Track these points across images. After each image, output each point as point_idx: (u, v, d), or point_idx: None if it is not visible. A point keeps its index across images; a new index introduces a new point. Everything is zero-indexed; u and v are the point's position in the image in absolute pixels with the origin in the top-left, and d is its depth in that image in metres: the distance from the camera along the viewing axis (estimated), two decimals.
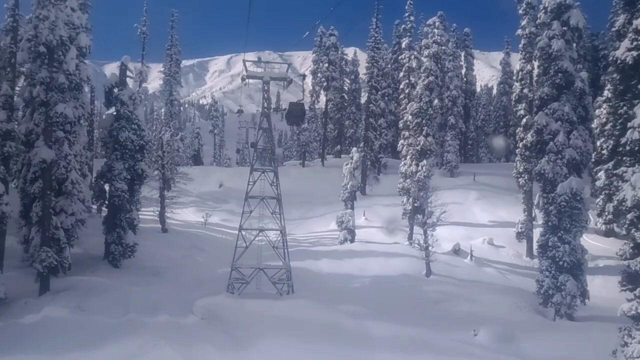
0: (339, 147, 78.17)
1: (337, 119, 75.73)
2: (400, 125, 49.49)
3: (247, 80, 28.91)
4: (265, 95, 28.41)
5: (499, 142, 75.96)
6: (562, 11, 28.94)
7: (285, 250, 28.63)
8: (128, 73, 34.78)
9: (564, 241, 27.51)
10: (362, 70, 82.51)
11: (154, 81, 71.39)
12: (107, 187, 33.07)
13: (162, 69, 68.61)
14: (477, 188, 53.85)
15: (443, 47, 40.41)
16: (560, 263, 27.33)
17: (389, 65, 72.29)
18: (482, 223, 46.06)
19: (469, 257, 36.58)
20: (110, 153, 32.56)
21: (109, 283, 27.87)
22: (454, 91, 63.64)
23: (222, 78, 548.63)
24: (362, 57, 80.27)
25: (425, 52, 41.94)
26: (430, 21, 42.69)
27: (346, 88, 75.39)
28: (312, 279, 31.66)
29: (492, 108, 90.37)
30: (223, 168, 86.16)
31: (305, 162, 75.20)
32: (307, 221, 50.87)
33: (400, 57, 70.57)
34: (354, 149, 43.73)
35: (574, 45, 29.33)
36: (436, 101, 42.90)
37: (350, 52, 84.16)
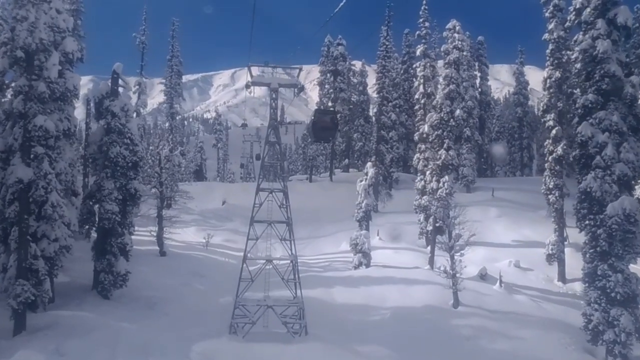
0: (347, 161, 75.02)
1: (345, 131, 72.57)
2: (416, 137, 46.27)
3: (252, 87, 25.58)
4: (273, 105, 25.03)
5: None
6: (607, 8, 25.67)
7: (297, 283, 25.10)
8: (121, 82, 31.48)
9: (615, 269, 23.99)
10: (370, 82, 79.74)
11: (159, 95, 68.47)
12: (96, 208, 29.65)
13: (163, 81, 65.71)
14: (496, 204, 50.25)
15: (464, 53, 37.28)
16: (612, 295, 23.77)
17: (399, 76, 69.07)
18: (505, 243, 42.48)
19: (497, 283, 33.04)
20: (100, 170, 29.26)
21: (95, 320, 24.44)
22: (470, 102, 60.19)
23: (226, 92, 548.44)
24: (369, 71, 77.62)
25: (445, 59, 38.68)
26: (449, 25, 39.53)
27: (354, 100, 72.25)
28: (325, 311, 28.15)
29: (504, 120, 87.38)
30: (226, 184, 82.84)
31: (312, 177, 71.73)
32: (315, 241, 47.40)
33: (412, 67, 67.79)
34: (369, 163, 40.34)
35: (621, 46, 25.97)
36: (458, 111, 39.47)
37: (356, 65, 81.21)
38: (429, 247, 42.76)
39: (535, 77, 79.95)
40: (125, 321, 24.98)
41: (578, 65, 35.12)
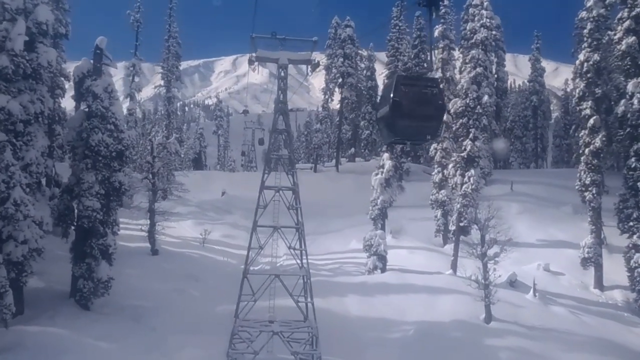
0: (353, 150, 71.18)
1: (352, 119, 68.69)
2: None
3: (256, 64, 21.53)
4: (282, 84, 21.03)
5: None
6: None
7: (310, 304, 21.18)
8: (107, 62, 27.39)
9: None
10: (377, 68, 75.64)
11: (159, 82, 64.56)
12: (75, 204, 25.73)
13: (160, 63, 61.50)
14: (517, 199, 46.39)
15: (493, 32, 33.29)
16: None
17: (411, 61, 64.83)
18: (529, 243, 38.62)
19: (531, 291, 29.27)
20: (79, 161, 25.30)
21: (68, 338, 20.72)
22: (487, 88, 56.18)
23: (228, 78, 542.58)
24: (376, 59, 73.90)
25: (472, 39, 34.69)
26: (476, 0, 35.54)
27: (361, 86, 68.18)
28: (338, 326, 24.37)
29: (518, 109, 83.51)
30: (227, 173, 78.87)
31: (317, 167, 67.67)
32: (321, 237, 43.32)
33: (424, 51, 63.79)
34: (385, 154, 36.38)
35: None
36: (486, 97, 35.51)
37: (364, 51, 77.07)
38: (446, 246, 39.23)
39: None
40: (105, 339, 21.27)
41: (623, 47, 31.32)
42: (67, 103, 38.23)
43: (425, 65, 64.81)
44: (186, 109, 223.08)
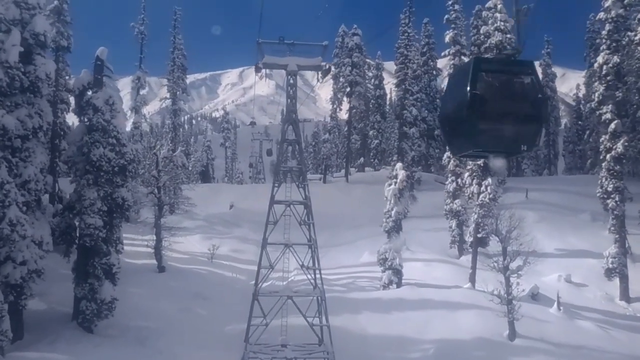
0: (362, 159, 70.10)
1: (360, 128, 67.69)
2: None
3: (263, 70, 20.45)
4: (291, 92, 19.89)
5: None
6: None
7: (326, 327, 19.94)
8: (107, 72, 26.43)
9: None
10: (385, 77, 74.76)
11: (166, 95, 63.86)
12: (77, 222, 24.68)
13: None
14: (533, 207, 44.81)
15: (508, 36, 32.00)
16: None
17: (420, 68, 63.81)
18: (548, 252, 37.00)
19: (554, 305, 27.86)
20: (80, 176, 24.26)
21: None
22: None
23: (235, 91, 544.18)
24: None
25: (486, 43, 33.40)
26: (489, 3, 34.24)
27: (369, 95, 67.22)
28: (354, 346, 23.08)
29: None
30: (234, 186, 77.93)
31: (325, 178, 66.53)
32: (332, 250, 42.05)
33: (432, 59, 62.82)
34: (398, 164, 35.08)
35: None
36: None
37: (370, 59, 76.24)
38: (462, 258, 37.85)
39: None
40: None
41: None
42: (74, 118, 37.53)
43: (434, 72, 63.87)
44: (193, 122, 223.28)
